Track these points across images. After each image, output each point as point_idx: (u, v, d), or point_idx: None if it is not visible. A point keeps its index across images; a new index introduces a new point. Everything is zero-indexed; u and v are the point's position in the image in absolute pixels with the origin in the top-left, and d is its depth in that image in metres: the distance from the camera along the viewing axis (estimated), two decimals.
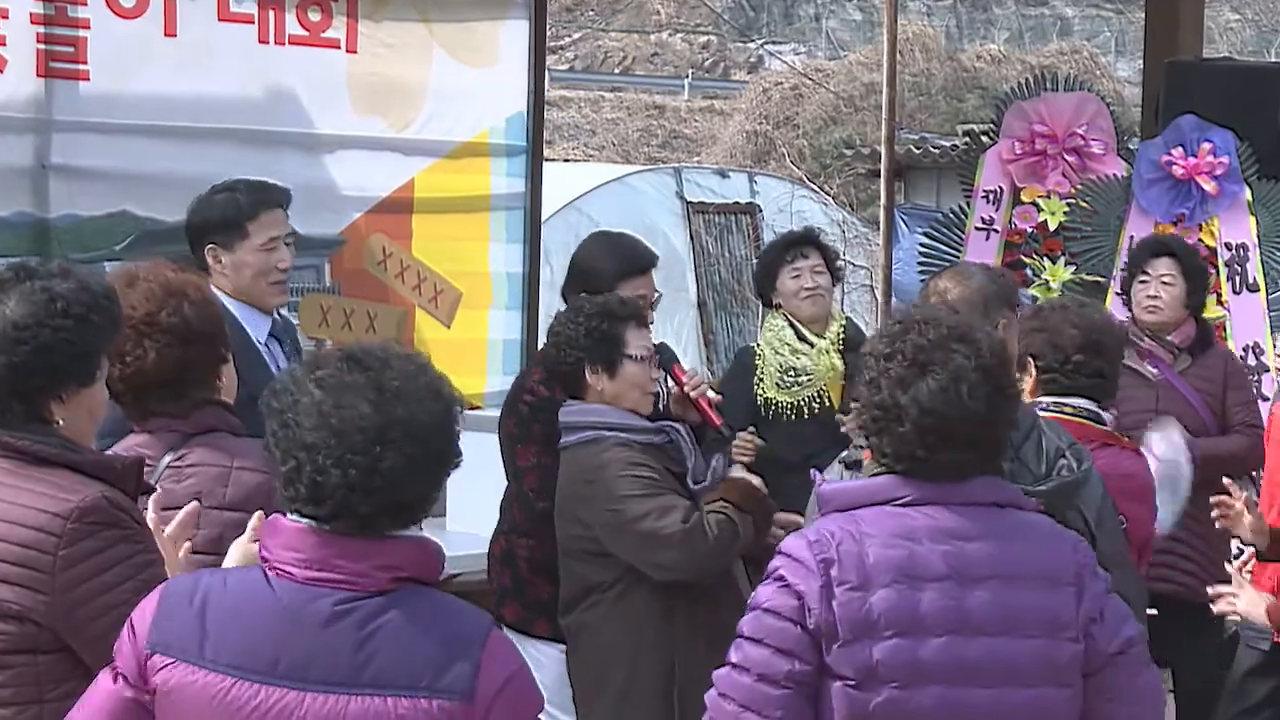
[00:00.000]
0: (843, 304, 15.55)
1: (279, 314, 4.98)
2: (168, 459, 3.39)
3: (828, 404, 5.74)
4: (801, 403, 5.72)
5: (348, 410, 2.46)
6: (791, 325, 5.79)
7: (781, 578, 3.00)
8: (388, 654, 2.45)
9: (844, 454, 4.06)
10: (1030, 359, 4.47)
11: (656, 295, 5.29)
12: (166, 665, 2.49)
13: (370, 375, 2.50)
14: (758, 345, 5.89)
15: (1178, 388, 5.98)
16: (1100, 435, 4.45)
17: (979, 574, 2.97)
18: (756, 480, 4.60)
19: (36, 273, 3.11)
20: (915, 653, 2.93)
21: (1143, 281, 6.03)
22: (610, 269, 5.17)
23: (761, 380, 5.79)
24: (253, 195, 4.67)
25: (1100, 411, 4.49)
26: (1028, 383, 4.45)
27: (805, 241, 5.88)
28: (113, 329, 3.17)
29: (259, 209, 4.63)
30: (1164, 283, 5.97)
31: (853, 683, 2.94)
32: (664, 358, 4.90)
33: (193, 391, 3.49)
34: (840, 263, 6.02)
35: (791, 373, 5.72)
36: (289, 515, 2.54)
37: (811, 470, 4.07)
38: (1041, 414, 4.32)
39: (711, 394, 4.94)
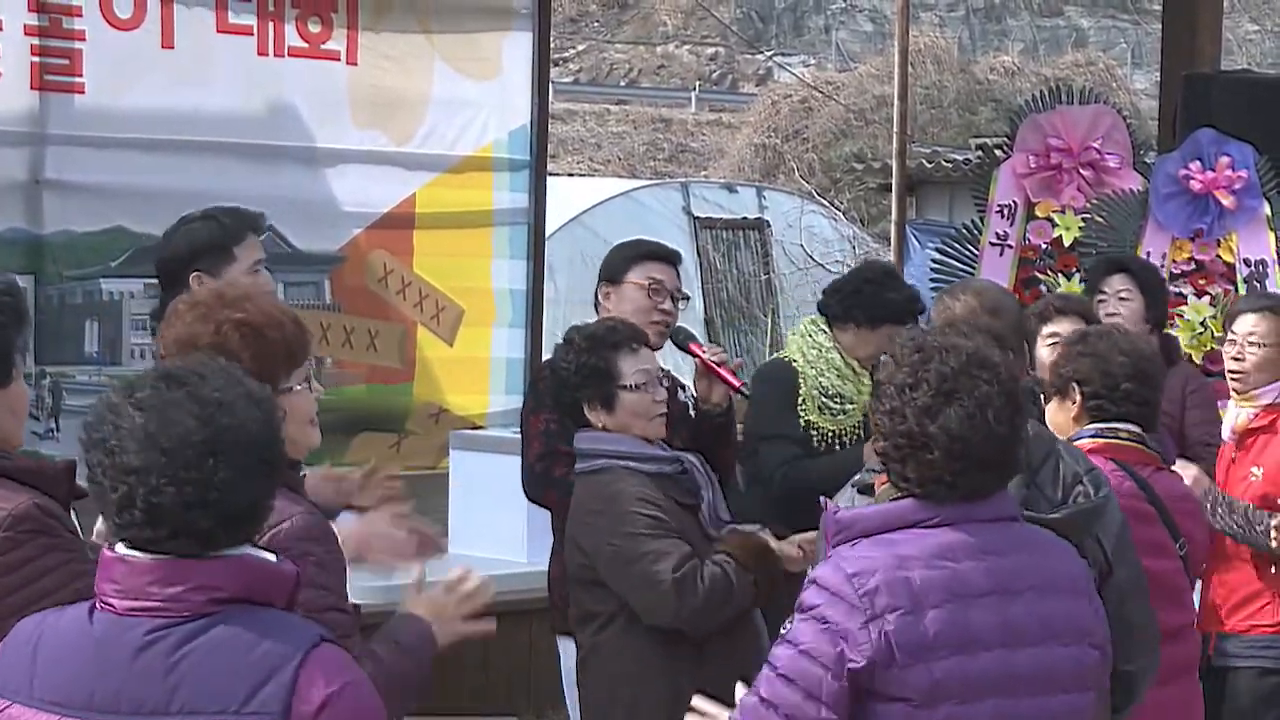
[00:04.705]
0: None
1: None
2: None
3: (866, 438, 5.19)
4: (844, 431, 5.29)
5: (175, 427, 2.46)
6: (837, 347, 5.34)
7: (822, 616, 2.97)
8: (196, 679, 2.43)
9: (855, 478, 3.88)
10: (1075, 385, 4.44)
11: (683, 293, 5.09)
12: (3, 707, 2.51)
13: (189, 390, 2.50)
14: (794, 361, 5.36)
15: None
16: (1152, 460, 4.46)
17: (1018, 586, 3.05)
18: (774, 543, 4.46)
19: None
20: (971, 668, 2.99)
21: (1101, 300, 5.95)
22: (622, 256, 5.09)
23: (805, 402, 5.31)
24: (235, 220, 4.63)
25: (1147, 437, 4.47)
26: (1071, 408, 4.43)
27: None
28: (21, 324, 3.16)
29: (243, 233, 4.59)
30: (1121, 299, 5.91)
31: (914, 702, 2.97)
32: (680, 337, 4.92)
33: None
34: None
35: (838, 399, 5.30)
36: (117, 546, 2.53)
37: (821, 498, 3.90)
38: (1092, 440, 4.34)
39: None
